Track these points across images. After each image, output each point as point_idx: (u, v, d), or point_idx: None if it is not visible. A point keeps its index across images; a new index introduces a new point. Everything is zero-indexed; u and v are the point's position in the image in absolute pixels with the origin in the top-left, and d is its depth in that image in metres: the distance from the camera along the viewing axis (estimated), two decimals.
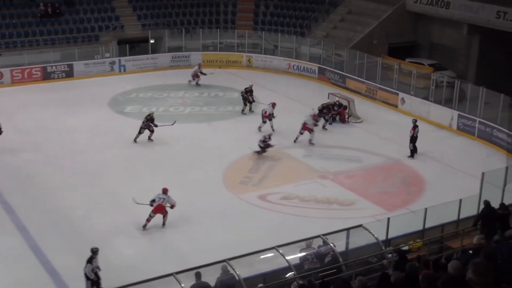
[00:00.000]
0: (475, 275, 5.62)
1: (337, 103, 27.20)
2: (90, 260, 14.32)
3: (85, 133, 25.10)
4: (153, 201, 17.60)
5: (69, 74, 32.88)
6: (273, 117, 25.57)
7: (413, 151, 23.07)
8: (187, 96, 30.79)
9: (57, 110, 27.76)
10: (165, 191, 17.81)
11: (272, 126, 25.50)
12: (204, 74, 31.94)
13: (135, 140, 23.96)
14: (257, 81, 30.75)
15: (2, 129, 22.71)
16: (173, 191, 20.17)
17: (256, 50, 35.96)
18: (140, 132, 23.92)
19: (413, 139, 22.99)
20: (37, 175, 21.40)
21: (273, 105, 25.91)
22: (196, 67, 32.27)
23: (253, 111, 27.71)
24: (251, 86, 28.20)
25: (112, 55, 34.48)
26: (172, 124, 24.52)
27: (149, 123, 23.98)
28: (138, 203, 17.71)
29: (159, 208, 17.63)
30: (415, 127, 23.01)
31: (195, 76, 31.96)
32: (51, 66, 32.51)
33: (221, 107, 29.05)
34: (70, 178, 21.11)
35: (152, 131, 24.04)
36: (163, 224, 17.92)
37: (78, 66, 33.12)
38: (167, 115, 27.21)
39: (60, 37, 34.55)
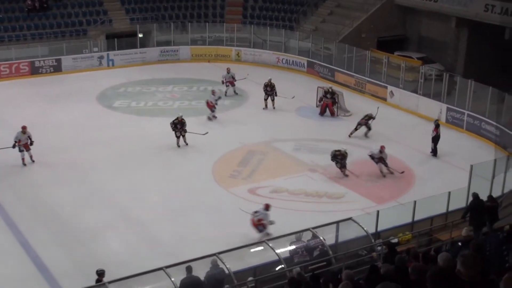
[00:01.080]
0: (463, 267, 5.66)
1: (330, 90, 27.13)
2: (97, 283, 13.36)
3: (74, 128, 24.98)
4: (255, 212, 16.72)
5: (57, 68, 32.73)
6: (216, 104, 26.06)
7: (435, 150, 22.93)
8: (176, 90, 30.69)
9: (45, 105, 27.65)
10: (266, 207, 16.77)
11: (212, 114, 25.97)
12: (227, 81, 29.73)
13: (178, 145, 23.35)
14: (246, 75, 30.66)
15: (33, 139, 21.80)
16: (163, 186, 20.21)
17: (245, 44, 35.87)
18: (177, 137, 23.39)
19: (436, 139, 22.81)
20: (25, 170, 21.29)
21: (213, 92, 26.52)
22: (225, 73, 29.69)
23: (274, 108, 27.63)
24: (269, 80, 27.73)
25: (100, 49, 34.31)
26: (204, 134, 23.84)
27: (183, 127, 23.34)
28: (243, 211, 17.00)
29: (252, 221, 16.65)
30: (437, 126, 22.85)
31: (230, 83, 29.61)
32: (39, 60, 32.34)
33: None
34: (58, 174, 21.02)
35: (183, 135, 23.60)
36: None
37: (66, 60, 32.96)
38: (155, 109, 27.17)
39: (48, 31, 34.34)
